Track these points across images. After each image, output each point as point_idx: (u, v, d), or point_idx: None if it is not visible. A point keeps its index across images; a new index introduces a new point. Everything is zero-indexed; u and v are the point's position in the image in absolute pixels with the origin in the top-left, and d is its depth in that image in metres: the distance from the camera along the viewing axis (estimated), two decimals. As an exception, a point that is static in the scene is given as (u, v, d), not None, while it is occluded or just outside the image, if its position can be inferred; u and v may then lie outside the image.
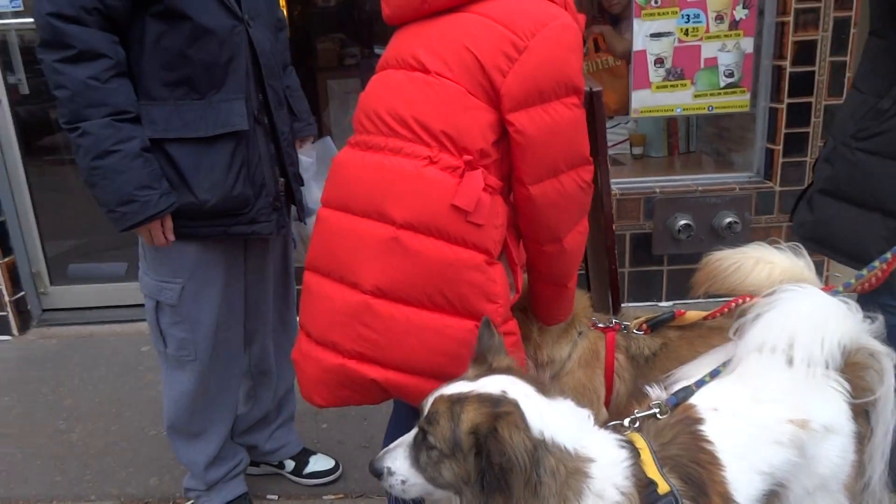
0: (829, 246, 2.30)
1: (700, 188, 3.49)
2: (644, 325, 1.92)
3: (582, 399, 1.92)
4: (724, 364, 1.51)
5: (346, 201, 1.58)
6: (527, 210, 1.54)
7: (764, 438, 1.37)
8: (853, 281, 1.83)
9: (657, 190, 3.50)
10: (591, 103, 1.98)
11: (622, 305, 2.31)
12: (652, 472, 1.27)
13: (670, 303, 3.53)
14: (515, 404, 1.19)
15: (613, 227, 2.19)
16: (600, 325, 1.93)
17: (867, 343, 1.53)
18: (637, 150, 4.16)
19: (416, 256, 1.46)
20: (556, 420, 1.21)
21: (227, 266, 2.02)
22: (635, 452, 1.29)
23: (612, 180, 3.61)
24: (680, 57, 3.39)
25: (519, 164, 1.49)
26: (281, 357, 2.28)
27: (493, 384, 1.23)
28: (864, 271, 1.82)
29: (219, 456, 2.17)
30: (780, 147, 3.44)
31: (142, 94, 1.81)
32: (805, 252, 1.84)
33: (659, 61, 3.40)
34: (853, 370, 1.51)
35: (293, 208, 2.19)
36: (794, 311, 1.47)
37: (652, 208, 3.49)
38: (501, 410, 1.16)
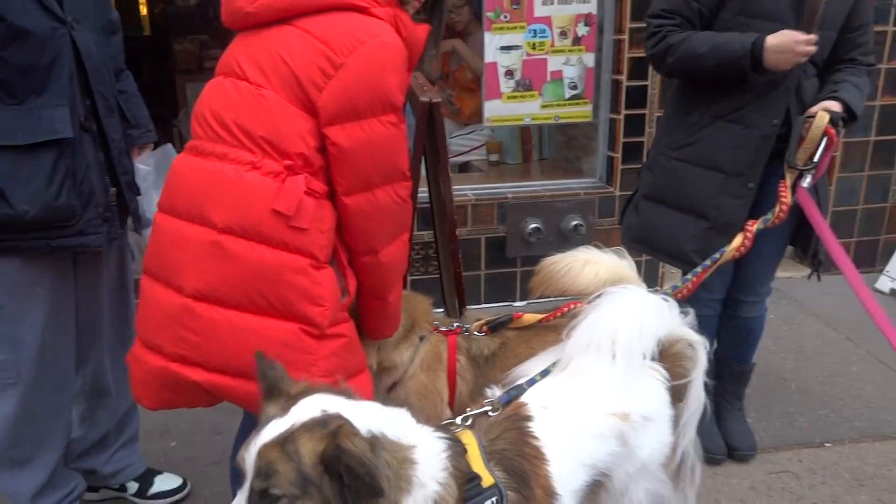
0: (653, 246, 2.53)
1: (549, 193, 3.69)
2: (484, 327, 2.01)
3: (425, 401, 1.99)
4: (555, 364, 1.61)
5: (173, 205, 1.58)
6: (344, 220, 1.57)
7: (588, 433, 1.47)
8: (679, 284, 2.02)
9: (510, 196, 3.66)
10: (431, 114, 2.05)
11: (474, 308, 2.42)
12: (478, 466, 1.33)
13: (524, 303, 3.69)
14: (340, 416, 1.21)
15: (457, 233, 2.28)
16: (442, 329, 2.01)
17: (684, 334, 1.69)
18: (493, 157, 4.33)
19: (237, 260, 1.47)
20: (377, 418, 1.24)
21: (53, 282, 1.90)
22: (458, 446, 1.34)
23: (469, 187, 3.76)
24: (528, 69, 3.58)
25: (335, 175, 1.52)
26: (120, 374, 2.17)
27: (307, 409, 1.20)
28: (679, 283, 2.01)
29: (49, 484, 2.04)
30: (620, 155, 3.70)
31: None
32: (627, 253, 2.00)
33: (509, 73, 3.57)
34: (672, 360, 1.67)
35: (130, 219, 2.11)
36: (615, 310, 1.60)
37: (505, 213, 3.65)
38: (334, 427, 1.15)
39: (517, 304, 3.75)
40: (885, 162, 4.11)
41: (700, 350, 1.67)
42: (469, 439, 1.39)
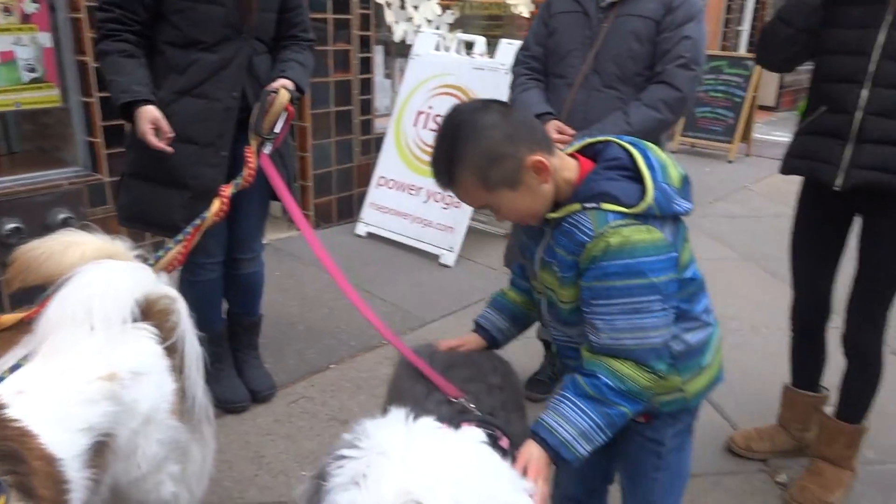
0: (146, 222, 2.57)
1: (25, 189, 3.34)
2: (-49, 338, 1.78)
3: None
4: (25, 357, 1.53)
5: None
6: None
7: (77, 401, 1.47)
8: (162, 253, 2.10)
9: (-27, 196, 3.20)
10: None
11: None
12: None
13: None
14: None
15: None
16: None
17: (163, 291, 1.79)
18: (-55, 155, 3.67)
19: None
20: None
21: None
22: None
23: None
24: (-34, 50, 3.13)
25: None
26: None
27: None
28: (162, 252, 2.09)
29: None
30: (101, 139, 3.57)
31: None
32: (80, 219, 2.00)
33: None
34: (158, 316, 1.75)
35: None
36: (84, 283, 1.61)
37: (-27, 216, 3.17)
38: None
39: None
40: (346, 128, 4.91)
41: (181, 303, 1.82)
42: None
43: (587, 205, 1.34)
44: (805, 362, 2.59)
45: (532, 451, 1.34)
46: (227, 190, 2.25)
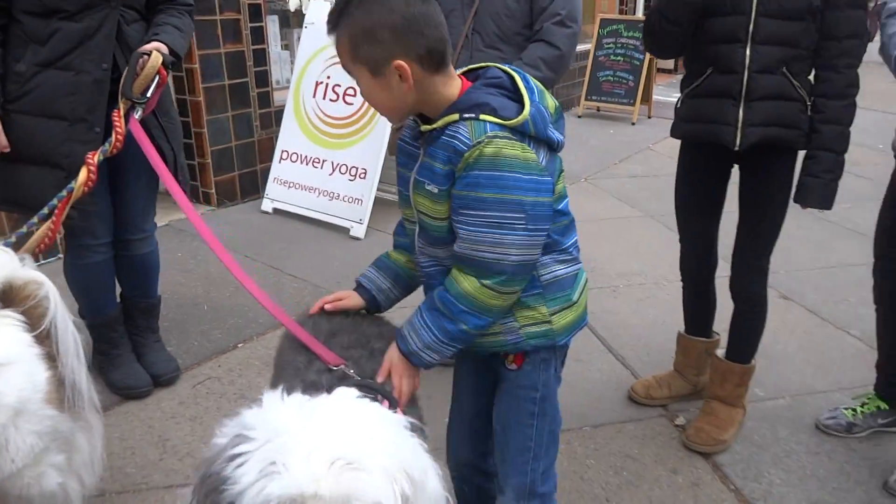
0: (20, 204, 2.41)
1: None
2: None
3: None
4: None
5: None
6: None
7: None
8: (24, 230, 1.97)
9: None
10: None
11: None
12: None
13: None
14: None
15: None
16: None
17: (28, 276, 1.68)
18: None
19: None
20: None
21: None
22: None
23: None
24: None
25: None
26: None
27: None
28: (24, 229, 1.96)
29: None
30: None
31: None
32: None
33: None
34: (26, 302, 1.65)
35: None
36: None
37: None
38: None
39: None
40: (243, 102, 4.74)
41: (49, 286, 1.71)
42: None
43: (466, 115, 1.34)
44: (696, 310, 2.72)
45: (393, 355, 1.47)
46: (94, 157, 2.10)
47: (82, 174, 2.05)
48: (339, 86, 4.45)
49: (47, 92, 2.25)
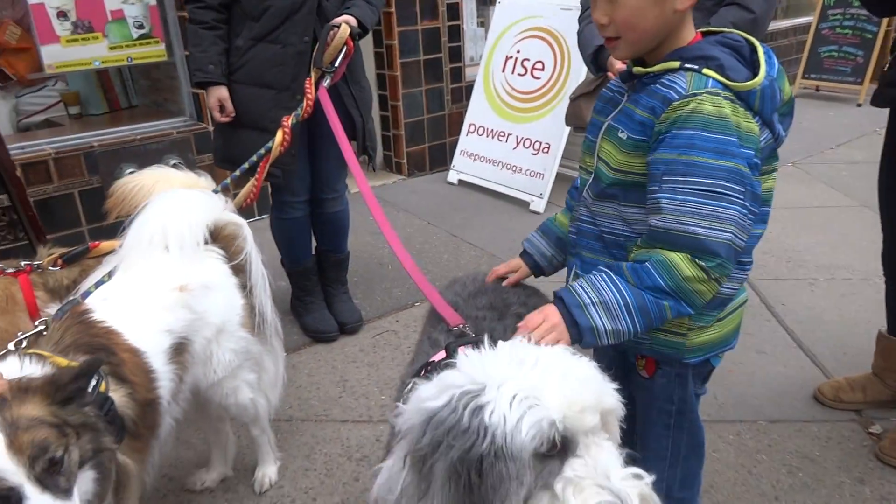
0: (234, 162, 2.70)
1: (139, 137, 3.64)
2: (58, 260, 2.01)
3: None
4: (109, 273, 1.69)
5: None
6: None
7: (156, 306, 1.64)
8: (228, 181, 2.24)
9: (95, 144, 3.52)
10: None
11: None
12: (61, 361, 1.39)
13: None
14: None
15: (17, 175, 2.19)
16: (9, 271, 1.95)
17: (230, 218, 1.93)
18: (74, 110, 4.06)
19: None
20: None
21: None
22: (40, 359, 1.37)
23: (46, 141, 3.50)
24: (83, 9, 3.41)
25: None
26: None
27: None
28: (228, 180, 2.22)
29: None
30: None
31: None
32: (189, 166, 2.17)
33: (62, 14, 3.36)
34: (226, 240, 1.90)
35: None
36: (161, 209, 1.76)
37: (95, 163, 3.50)
38: None
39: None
40: (436, 77, 4.94)
41: (246, 228, 1.95)
42: (44, 352, 1.41)
43: (688, 65, 1.20)
44: (902, 309, 2.40)
45: (548, 310, 1.25)
46: (288, 121, 2.36)
47: (278, 136, 2.30)
48: (527, 60, 4.47)
49: (259, 63, 2.54)
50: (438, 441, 0.95)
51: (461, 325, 1.39)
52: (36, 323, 1.49)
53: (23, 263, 1.96)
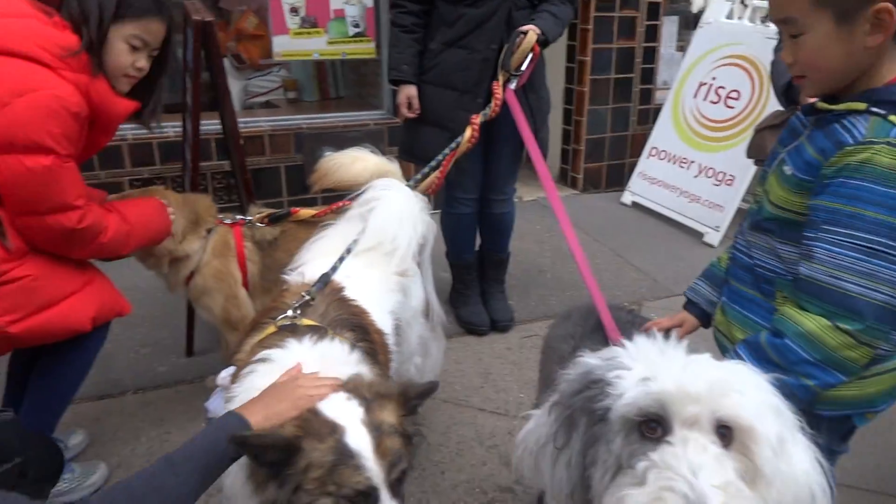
0: (415, 156, 2.97)
1: (341, 124, 4.04)
2: (265, 219, 2.33)
3: (222, 283, 2.28)
4: (348, 250, 1.84)
5: None
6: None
7: (384, 289, 1.81)
8: (419, 177, 2.45)
9: (304, 126, 3.95)
10: (205, 35, 2.27)
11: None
12: (343, 338, 1.49)
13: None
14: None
15: (241, 144, 2.55)
16: (227, 222, 2.30)
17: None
18: (291, 95, 4.58)
19: None
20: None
21: None
22: (323, 333, 1.47)
23: (265, 119, 3.99)
24: (312, 7, 3.85)
25: (2, 194, 1.73)
26: None
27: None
28: (419, 175, 2.42)
29: None
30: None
31: None
32: (392, 156, 2.40)
33: (294, 10, 3.82)
34: None
35: None
36: (393, 216, 1.93)
37: (301, 142, 3.94)
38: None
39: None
40: (625, 96, 4.93)
41: (433, 225, 2.12)
42: (311, 322, 1.53)
43: (874, 109, 1.13)
44: None
45: None
46: (477, 119, 2.52)
47: (468, 132, 2.46)
48: (722, 88, 4.33)
49: (447, 67, 2.73)
50: (579, 390, 1.03)
51: (619, 341, 1.39)
52: (303, 293, 1.61)
53: (237, 217, 2.31)
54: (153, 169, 3.71)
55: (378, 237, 1.91)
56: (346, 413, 1.18)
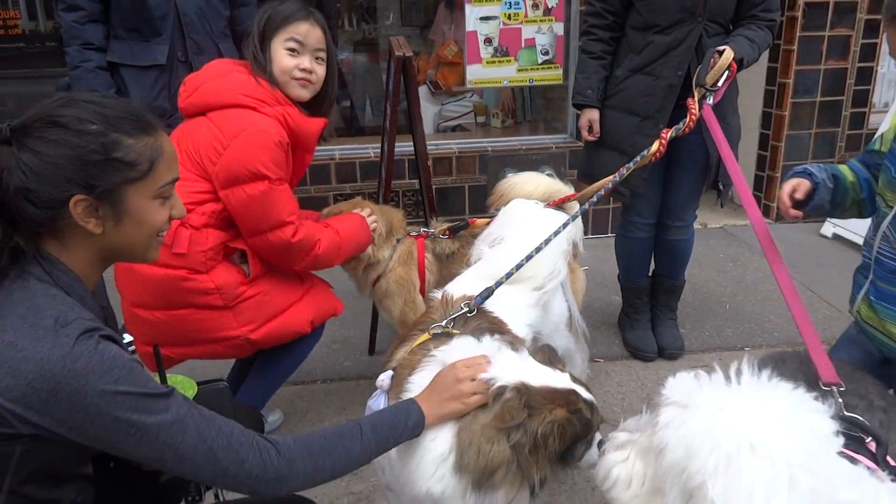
0: (592, 178, 3.01)
1: (525, 147, 4.21)
2: (447, 231, 2.56)
3: (402, 289, 2.54)
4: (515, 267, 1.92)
5: None
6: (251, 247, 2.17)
7: (523, 304, 1.91)
8: (595, 200, 2.52)
9: (489, 149, 4.19)
10: (404, 69, 2.57)
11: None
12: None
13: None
14: None
15: (428, 165, 2.82)
16: (413, 234, 2.55)
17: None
18: (480, 119, 4.86)
19: (144, 278, 2.06)
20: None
21: None
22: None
23: (454, 141, 4.29)
24: (504, 37, 4.08)
25: (237, 223, 2.13)
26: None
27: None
28: (595, 199, 2.47)
29: None
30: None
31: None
32: (559, 177, 2.53)
33: (487, 40, 4.08)
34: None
35: None
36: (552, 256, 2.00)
37: (486, 164, 4.17)
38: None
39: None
40: (831, 121, 4.58)
41: (579, 247, 2.22)
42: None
43: None
44: None
45: None
46: (667, 133, 2.45)
47: (654, 145, 2.43)
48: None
49: (631, 93, 2.77)
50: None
51: (835, 386, 1.34)
52: (462, 305, 1.74)
53: (422, 230, 2.56)
54: (354, 185, 4.16)
55: (534, 271, 1.96)
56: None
